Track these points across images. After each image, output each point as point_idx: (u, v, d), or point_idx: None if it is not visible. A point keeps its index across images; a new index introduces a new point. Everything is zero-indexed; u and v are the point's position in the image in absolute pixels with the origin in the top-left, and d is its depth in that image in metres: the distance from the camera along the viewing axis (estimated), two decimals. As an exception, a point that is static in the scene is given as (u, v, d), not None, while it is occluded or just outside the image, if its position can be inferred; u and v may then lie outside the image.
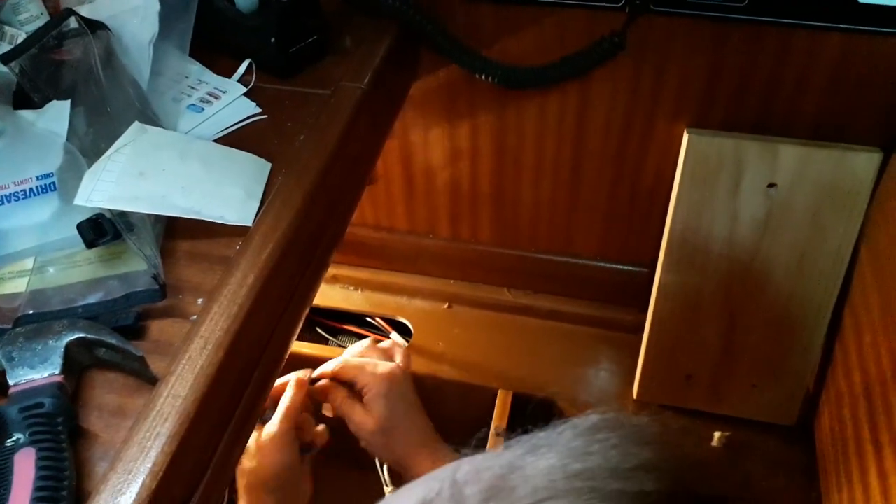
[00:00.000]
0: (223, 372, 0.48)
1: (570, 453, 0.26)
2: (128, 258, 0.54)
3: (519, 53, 0.82)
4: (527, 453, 0.27)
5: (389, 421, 0.83)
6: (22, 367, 0.45)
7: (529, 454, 0.27)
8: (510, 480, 0.25)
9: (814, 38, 0.74)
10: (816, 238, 0.82)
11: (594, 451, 0.26)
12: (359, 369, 0.85)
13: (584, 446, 0.26)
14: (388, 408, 0.83)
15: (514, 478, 0.26)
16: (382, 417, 0.83)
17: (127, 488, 0.42)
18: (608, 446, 0.26)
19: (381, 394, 0.83)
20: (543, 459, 0.26)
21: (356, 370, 0.85)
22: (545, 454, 0.26)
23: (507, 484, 0.25)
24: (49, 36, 0.65)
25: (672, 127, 0.84)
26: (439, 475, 0.29)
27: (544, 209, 0.97)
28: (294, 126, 0.65)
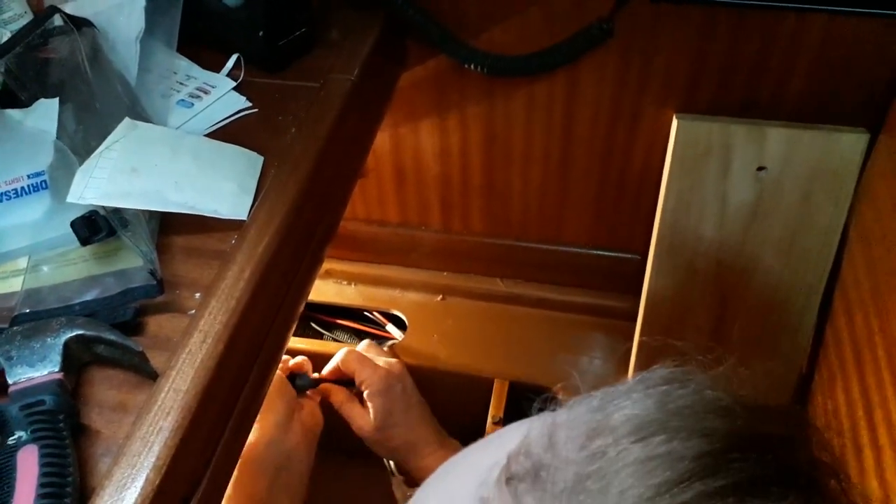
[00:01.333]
0: (223, 365, 0.48)
1: (659, 397, 0.26)
2: (123, 255, 0.54)
3: (506, 42, 0.82)
4: (611, 400, 0.27)
5: (387, 418, 0.84)
6: (21, 365, 0.45)
7: (612, 400, 0.27)
8: (607, 421, 0.26)
9: (799, 21, 0.74)
10: (806, 219, 0.83)
11: (677, 394, 0.26)
12: (359, 363, 0.86)
13: (667, 392, 0.26)
14: (386, 405, 0.84)
15: (613, 417, 0.26)
16: (380, 415, 0.83)
17: (131, 483, 0.42)
18: (690, 391, 0.26)
19: (380, 391, 0.84)
20: (633, 403, 0.26)
21: (357, 363, 0.86)
22: (630, 400, 0.26)
23: (607, 423, 0.25)
24: (34, 34, 0.64)
25: (660, 113, 0.84)
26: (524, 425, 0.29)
27: (535, 198, 0.98)
28: (285, 119, 0.65)
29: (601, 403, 0.27)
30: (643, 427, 0.25)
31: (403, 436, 0.85)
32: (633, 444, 0.24)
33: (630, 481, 0.23)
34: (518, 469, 0.26)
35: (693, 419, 0.25)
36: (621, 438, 0.25)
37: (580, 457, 0.25)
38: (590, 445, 0.25)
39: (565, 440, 0.26)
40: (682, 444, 0.24)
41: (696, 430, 0.24)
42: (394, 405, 0.84)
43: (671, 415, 0.25)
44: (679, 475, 0.23)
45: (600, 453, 0.24)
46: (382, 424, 0.84)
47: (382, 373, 0.85)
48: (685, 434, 0.24)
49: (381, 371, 0.85)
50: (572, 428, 0.26)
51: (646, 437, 0.24)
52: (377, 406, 0.84)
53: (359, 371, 0.85)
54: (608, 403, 0.26)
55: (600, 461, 0.24)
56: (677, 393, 0.26)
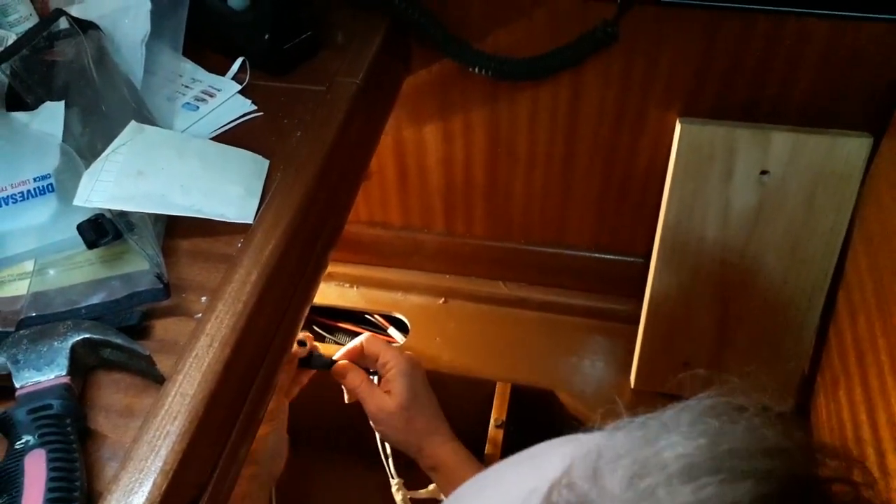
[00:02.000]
0: (230, 369, 0.48)
1: (711, 435, 0.25)
2: (129, 258, 0.54)
3: (510, 45, 0.82)
4: (658, 434, 0.26)
5: (410, 399, 0.82)
6: (28, 369, 0.45)
7: (659, 434, 0.26)
8: (657, 458, 0.25)
9: (803, 25, 0.74)
10: (809, 223, 0.83)
11: (729, 431, 0.25)
12: (383, 345, 0.85)
13: (719, 430, 0.25)
14: (410, 386, 0.82)
15: (663, 455, 0.25)
16: (403, 395, 0.82)
17: (139, 487, 0.42)
18: (742, 429, 0.26)
19: (404, 371, 0.82)
20: (683, 440, 0.25)
21: (381, 345, 0.85)
22: (679, 435, 0.25)
23: (656, 460, 0.25)
24: (40, 37, 0.64)
25: (664, 116, 0.84)
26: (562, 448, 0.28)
27: (538, 201, 0.98)
28: (290, 122, 0.65)
29: (646, 435, 0.26)
30: (694, 468, 0.24)
31: (426, 418, 0.83)
32: (683, 486, 0.24)
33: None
34: (560, 501, 0.25)
35: (746, 461, 0.24)
36: (672, 478, 0.24)
37: (628, 495, 0.24)
38: (638, 484, 0.24)
39: (611, 473, 0.25)
40: (735, 487, 0.23)
41: (748, 473, 0.24)
42: (418, 387, 0.83)
43: (724, 455, 0.24)
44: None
45: (649, 492, 0.24)
46: (408, 404, 0.82)
47: (407, 356, 0.85)
48: (738, 476, 0.24)
49: (405, 354, 0.85)
50: (618, 461, 0.25)
51: (696, 478, 0.24)
52: (404, 385, 0.82)
53: (384, 353, 0.84)
54: (655, 437, 0.26)
55: (649, 500, 0.24)
56: (729, 430, 0.25)
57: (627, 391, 0.99)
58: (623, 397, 0.99)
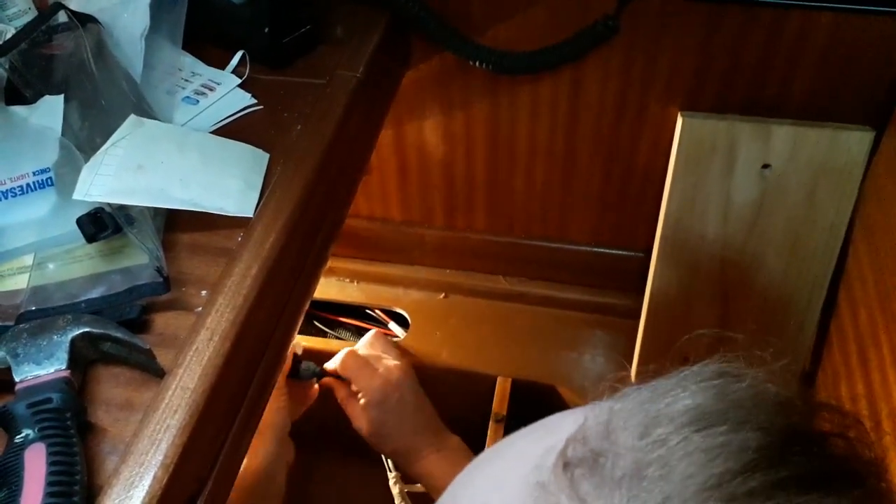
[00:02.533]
0: (230, 363, 0.48)
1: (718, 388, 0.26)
2: (129, 252, 0.53)
3: (510, 39, 0.81)
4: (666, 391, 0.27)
5: (381, 428, 0.85)
6: (27, 363, 0.45)
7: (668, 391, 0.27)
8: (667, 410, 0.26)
9: (805, 18, 0.74)
10: (810, 217, 0.83)
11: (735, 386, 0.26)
12: (358, 370, 0.86)
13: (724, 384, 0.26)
14: (380, 417, 0.85)
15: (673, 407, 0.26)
16: (374, 425, 0.85)
17: (139, 481, 0.41)
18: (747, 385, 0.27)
19: (374, 403, 0.85)
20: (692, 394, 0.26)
21: (355, 370, 0.86)
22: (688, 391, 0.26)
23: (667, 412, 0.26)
24: (39, 30, 0.64)
25: (664, 110, 0.84)
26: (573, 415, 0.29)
27: (538, 196, 0.97)
28: (290, 116, 0.65)
29: (655, 394, 0.27)
30: (704, 417, 0.25)
31: (395, 444, 0.86)
32: (695, 434, 0.24)
33: (692, 469, 0.23)
34: (575, 455, 0.26)
35: (753, 411, 0.25)
36: (682, 427, 0.25)
37: (640, 444, 0.25)
38: (650, 434, 0.25)
39: (623, 428, 0.26)
40: (743, 435, 0.24)
41: (756, 423, 0.25)
42: (387, 417, 0.85)
43: (731, 406, 0.25)
44: (742, 465, 0.23)
45: (661, 441, 0.25)
46: (377, 432, 0.86)
47: (378, 383, 0.85)
48: (746, 426, 0.24)
49: (377, 381, 0.85)
50: (629, 417, 0.26)
51: (707, 426, 0.24)
52: (371, 417, 0.85)
53: (356, 378, 0.86)
54: (663, 394, 0.27)
55: (661, 449, 0.24)
56: (735, 385, 0.26)
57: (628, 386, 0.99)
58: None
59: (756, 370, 0.27)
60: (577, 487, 0.25)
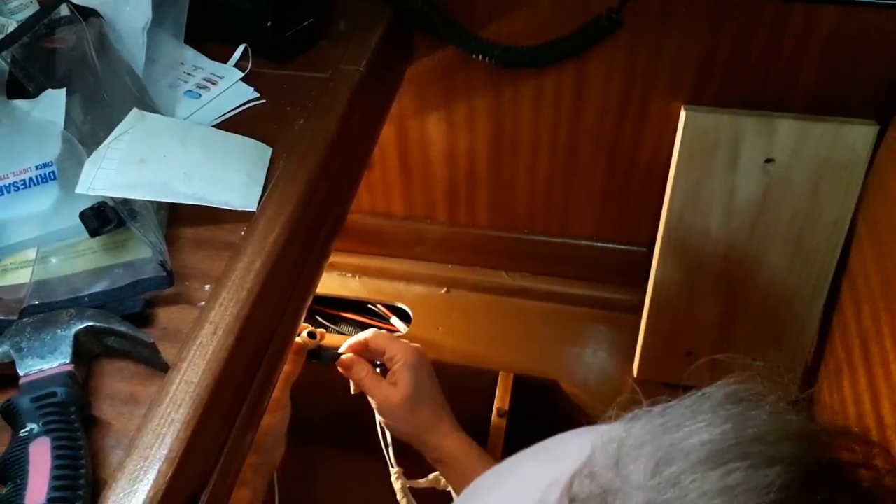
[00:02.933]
0: (234, 357, 0.47)
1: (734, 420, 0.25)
2: (132, 246, 0.53)
3: (514, 33, 0.81)
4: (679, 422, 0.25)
5: (415, 391, 0.82)
6: (31, 357, 0.45)
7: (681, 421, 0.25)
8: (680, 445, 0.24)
9: (809, 12, 0.74)
10: (814, 212, 0.83)
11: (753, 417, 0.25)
12: (389, 339, 0.85)
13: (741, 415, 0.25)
14: (416, 378, 0.82)
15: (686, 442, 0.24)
16: (409, 387, 0.82)
17: (144, 475, 0.41)
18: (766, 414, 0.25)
19: (410, 364, 0.82)
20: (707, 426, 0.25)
21: (387, 339, 0.85)
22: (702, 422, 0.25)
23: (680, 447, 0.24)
24: (41, 24, 0.64)
25: (668, 104, 0.84)
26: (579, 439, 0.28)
27: (541, 191, 0.97)
28: (293, 110, 0.65)
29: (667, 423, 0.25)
30: (720, 454, 0.23)
31: (430, 409, 0.83)
32: (710, 472, 0.23)
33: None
34: (582, 491, 0.25)
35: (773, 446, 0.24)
36: (696, 465, 0.23)
37: (651, 483, 0.24)
38: (662, 472, 0.24)
39: (633, 463, 0.24)
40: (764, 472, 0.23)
41: (776, 458, 0.23)
42: (424, 379, 0.83)
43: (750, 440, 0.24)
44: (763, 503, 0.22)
45: (674, 479, 0.23)
46: (413, 395, 0.82)
47: (413, 348, 0.85)
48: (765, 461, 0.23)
49: (412, 347, 0.85)
50: (640, 449, 0.25)
51: (723, 464, 0.23)
52: (409, 378, 0.82)
53: (389, 347, 0.84)
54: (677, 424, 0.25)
55: (674, 489, 0.23)
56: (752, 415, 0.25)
57: (630, 381, 0.99)
58: (625, 387, 0.99)
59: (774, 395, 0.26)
60: None
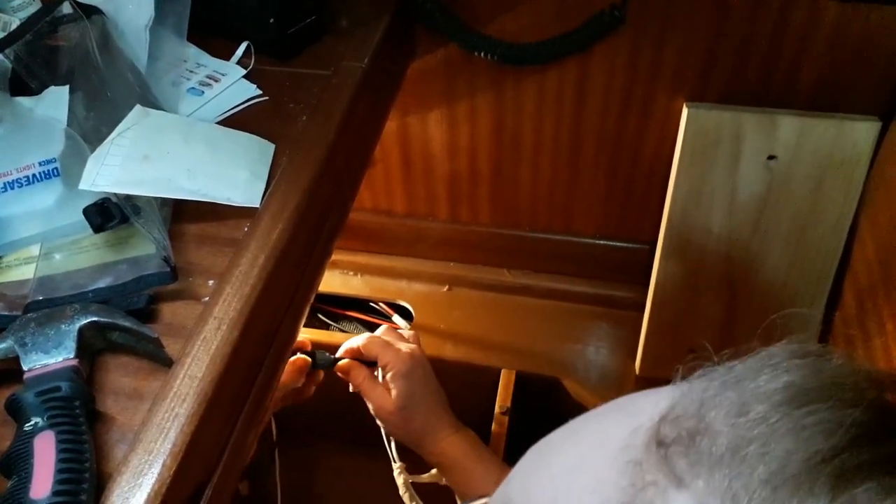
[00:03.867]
0: (238, 352, 0.47)
1: (812, 366, 0.26)
2: (136, 242, 0.53)
3: (516, 30, 0.81)
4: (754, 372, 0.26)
5: (409, 400, 0.83)
6: (36, 352, 0.45)
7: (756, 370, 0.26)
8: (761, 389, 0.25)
9: (812, 9, 0.74)
10: (816, 209, 0.83)
11: (826, 365, 0.26)
12: (382, 346, 0.86)
13: (817, 362, 0.26)
14: (409, 387, 0.83)
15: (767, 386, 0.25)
16: (402, 396, 0.83)
17: (148, 469, 0.41)
18: (841, 362, 0.26)
19: (403, 373, 0.83)
20: (785, 372, 0.26)
21: (380, 347, 0.85)
22: (779, 370, 0.26)
23: (761, 391, 0.25)
24: (43, 22, 0.64)
25: (671, 101, 0.84)
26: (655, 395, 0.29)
27: (543, 188, 0.97)
28: (296, 107, 0.65)
29: (744, 374, 0.27)
30: (802, 394, 0.25)
31: (423, 417, 0.84)
32: (795, 411, 0.24)
33: (797, 445, 0.23)
34: (669, 434, 0.26)
35: (851, 388, 0.25)
36: (780, 405, 0.24)
37: (739, 422, 0.25)
38: (747, 412, 0.25)
39: (717, 409, 0.25)
40: (845, 412, 0.24)
41: (853, 400, 0.24)
42: (416, 387, 0.84)
43: (829, 383, 0.25)
44: (848, 441, 0.23)
45: (760, 419, 0.24)
46: (404, 405, 0.83)
47: (405, 356, 0.85)
48: (845, 402, 0.24)
49: (404, 354, 0.85)
50: (720, 396, 0.26)
51: (806, 403, 0.24)
52: (400, 387, 0.83)
53: (382, 354, 0.85)
54: (755, 373, 0.26)
55: (761, 426, 0.24)
56: (826, 363, 0.26)
57: (632, 378, 0.99)
58: (628, 385, 0.99)
59: (838, 349, 0.27)
60: (673, 466, 0.25)
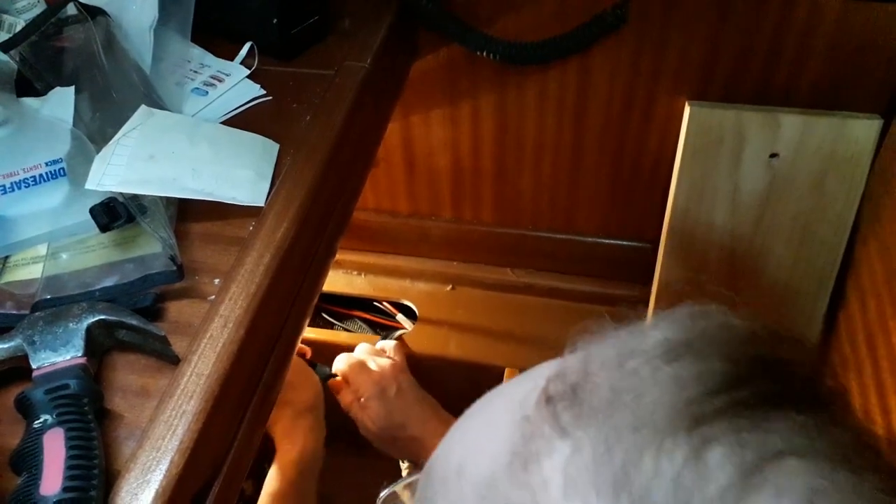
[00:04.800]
0: (244, 350, 0.48)
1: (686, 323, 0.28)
2: (141, 241, 0.54)
3: (518, 29, 0.81)
4: (639, 331, 0.28)
5: (386, 420, 0.86)
6: (44, 350, 0.45)
7: (642, 331, 0.28)
8: (640, 344, 0.27)
9: (814, 7, 0.74)
10: (818, 207, 0.83)
11: (703, 321, 0.28)
12: (356, 371, 0.88)
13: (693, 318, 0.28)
14: (383, 408, 0.86)
15: (644, 342, 0.27)
16: (378, 418, 0.86)
17: (156, 466, 0.42)
18: (715, 320, 0.28)
19: (373, 395, 0.86)
20: (661, 330, 0.28)
21: (353, 371, 0.88)
22: (658, 329, 0.28)
23: (639, 346, 0.27)
24: (48, 23, 0.64)
25: (673, 100, 0.84)
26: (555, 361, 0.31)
27: (546, 187, 0.98)
28: (299, 107, 0.65)
29: (630, 334, 0.29)
30: (673, 349, 0.27)
31: (408, 433, 0.86)
32: (665, 365, 0.26)
33: (662, 396, 0.25)
34: (555, 390, 0.28)
35: (719, 342, 0.27)
36: (653, 359, 0.26)
37: (614, 375, 0.27)
38: (624, 366, 0.27)
39: (599, 364, 0.28)
40: (711, 364, 0.26)
41: (723, 354, 0.26)
42: (391, 406, 0.86)
43: (698, 337, 0.27)
44: (708, 388, 0.25)
45: (633, 372, 0.26)
46: (385, 425, 0.86)
47: (375, 377, 0.87)
48: (712, 356, 0.26)
49: (373, 376, 0.87)
50: (604, 353, 0.28)
51: (676, 358, 0.26)
52: (374, 410, 0.86)
53: (353, 379, 0.88)
54: (638, 333, 0.28)
55: (633, 378, 0.26)
56: (703, 321, 0.28)
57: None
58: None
59: (723, 307, 0.29)
60: (558, 418, 0.27)
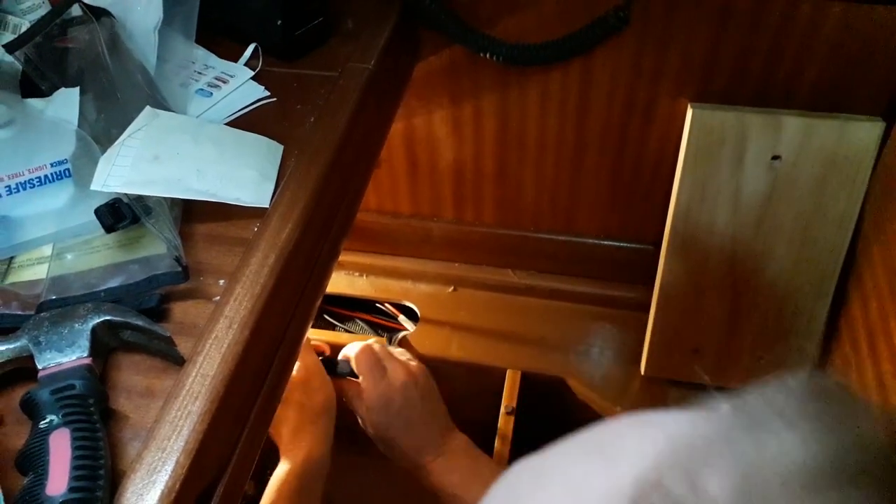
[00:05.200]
0: (249, 351, 0.48)
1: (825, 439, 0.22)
2: (147, 242, 0.54)
3: (520, 31, 0.82)
4: (755, 423, 0.23)
5: (386, 432, 0.86)
6: (49, 350, 0.45)
7: (759, 423, 0.23)
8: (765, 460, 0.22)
9: (816, 8, 0.74)
10: (820, 209, 0.83)
11: (843, 434, 0.23)
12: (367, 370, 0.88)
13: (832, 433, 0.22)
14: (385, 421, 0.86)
15: (775, 460, 0.22)
16: (378, 428, 0.86)
17: (162, 466, 0.42)
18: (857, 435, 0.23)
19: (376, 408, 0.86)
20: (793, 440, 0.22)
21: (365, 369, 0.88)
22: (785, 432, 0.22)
23: (764, 462, 0.22)
24: (53, 24, 0.64)
25: (675, 102, 0.84)
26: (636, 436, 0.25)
27: (548, 189, 0.98)
28: (303, 108, 0.65)
29: (744, 424, 0.23)
30: (814, 479, 0.21)
31: (401, 446, 0.86)
32: (806, 497, 0.21)
33: None
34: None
35: (870, 465, 0.22)
36: (788, 487, 0.21)
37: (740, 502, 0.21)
38: (748, 491, 0.21)
39: (710, 476, 0.22)
40: (863, 493, 0.21)
41: (872, 485, 0.22)
42: (391, 420, 0.86)
43: (844, 467, 0.22)
44: None
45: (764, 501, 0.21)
46: (381, 436, 0.87)
47: (382, 389, 0.86)
48: (864, 492, 0.21)
49: (381, 387, 0.86)
50: (716, 459, 0.22)
51: (818, 491, 0.21)
52: (374, 420, 0.86)
53: (364, 377, 0.87)
54: (755, 426, 0.23)
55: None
56: (845, 437, 0.23)
57: (637, 378, 0.99)
58: (633, 385, 0.99)
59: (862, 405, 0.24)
60: None
